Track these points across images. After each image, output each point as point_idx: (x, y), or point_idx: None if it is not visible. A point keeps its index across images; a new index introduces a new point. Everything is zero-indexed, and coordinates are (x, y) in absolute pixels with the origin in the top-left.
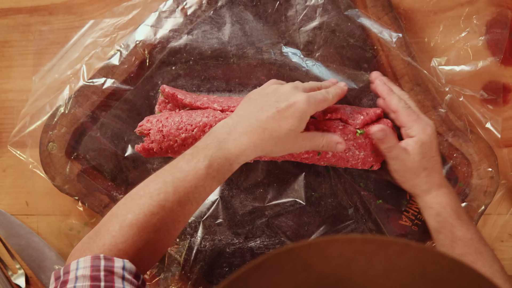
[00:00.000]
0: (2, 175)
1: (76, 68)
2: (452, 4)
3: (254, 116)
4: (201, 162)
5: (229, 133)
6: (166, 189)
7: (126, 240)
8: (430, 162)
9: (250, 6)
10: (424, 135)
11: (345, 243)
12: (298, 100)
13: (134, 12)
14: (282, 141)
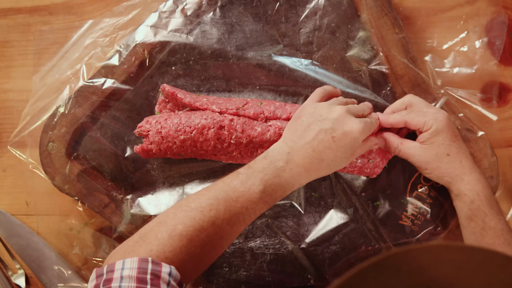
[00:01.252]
0: (2, 175)
1: (76, 68)
2: (452, 5)
3: (310, 145)
4: (256, 185)
5: (287, 162)
6: (218, 207)
7: (174, 250)
8: (452, 148)
9: (250, 7)
10: (437, 123)
11: (456, 250)
12: (354, 129)
13: (134, 12)
14: (336, 167)
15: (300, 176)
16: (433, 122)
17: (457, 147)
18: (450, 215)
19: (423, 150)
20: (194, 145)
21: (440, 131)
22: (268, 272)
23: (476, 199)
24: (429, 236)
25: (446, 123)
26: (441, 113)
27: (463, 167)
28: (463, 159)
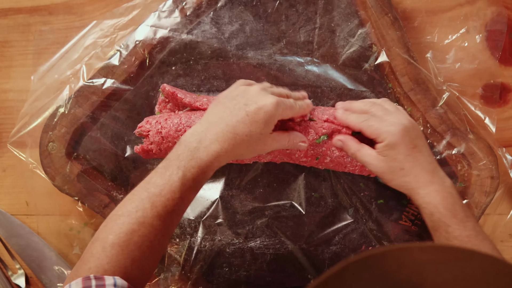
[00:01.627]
0: (2, 175)
1: (76, 68)
2: (452, 4)
3: (224, 121)
4: (174, 174)
5: (200, 141)
6: (143, 206)
7: (111, 260)
8: (406, 162)
9: (250, 6)
10: (391, 136)
11: (418, 251)
12: (267, 103)
13: (134, 13)
14: (253, 145)
15: (216, 152)
16: (387, 136)
17: (412, 160)
18: None
19: (378, 161)
20: None
21: (393, 145)
22: (268, 272)
23: (435, 211)
24: (429, 235)
25: (400, 136)
26: (397, 125)
27: (417, 181)
28: (419, 173)
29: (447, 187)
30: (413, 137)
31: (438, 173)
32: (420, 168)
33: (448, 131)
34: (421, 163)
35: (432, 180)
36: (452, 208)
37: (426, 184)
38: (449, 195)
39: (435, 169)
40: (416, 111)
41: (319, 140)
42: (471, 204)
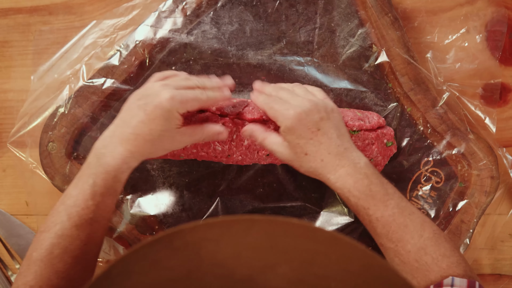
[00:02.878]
0: (2, 175)
1: (76, 68)
2: (452, 4)
3: (127, 124)
4: (85, 182)
5: (106, 146)
6: (61, 219)
7: (35, 277)
8: (309, 146)
9: (250, 6)
10: (286, 120)
11: (189, 232)
12: (162, 99)
13: (134, 13)
14: (158, 142)
15: (121, 155)
16: (283, 119)
17: (317, 144)
18: (450, 215)
19: (283, 147)
20: (194, 147)
21: (290, 128)
22: None
23: (349, 196)
24: None
25: (297, 120)
26: (295, 108)
27: (324, 166)
28: (325, 157)
29: (360, 168)
30: (316, 120)
31: (349, 155)
32: (325, 152)
33: (448, 131)
34: (326, 146)
35: (340, 163)
36: (367, 189)
37: (334, 168)
38: (363, 177)
39: (345, 151)
40: (416, 111)
41: None
42: (471, 204)
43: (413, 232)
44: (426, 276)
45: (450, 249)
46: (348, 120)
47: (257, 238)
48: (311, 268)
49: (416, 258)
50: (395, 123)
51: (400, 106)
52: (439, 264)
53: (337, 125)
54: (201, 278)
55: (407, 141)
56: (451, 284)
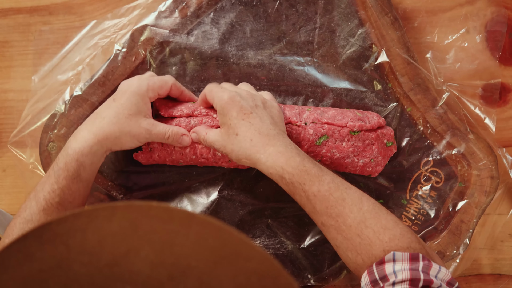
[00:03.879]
0: (2, 175)
1: (77, 69)
2: (452, 4)
3: (97, 113)
4: (52, 168)
5: (75, 134)
6: (30, 204)
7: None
8: (241, 126)
9: (250, 6)
10: (221, 101)
11: (57, 224)
12: (131, 84)
13: (134, 13)
14: (124, 126)
15: (84, 138)
16: (218, 100)
17: (248, 125)
18: (450, 215)
19: (220, 134)
20: (193, 153)
21: (223, 108)
22: None
23: (283, 173)
24: (429, 236)
25: (230, 101)
26: (232, 92)
27: (254, 145)
28: (255, 136)
29: (292, 149)
30: (250, 105)
31: (280, 138)
32: (256, 132)
33: (448, 131)
34: (257, 127)
35: (270, 142)
36: (300, 165)
37: (264, 148)
38: (295, 154)
39: (276, 134)
40: (416, 111)
41: (318, 142)
42: (471, 204)
43: (351, 205)
44: (369, 252)
45: (393, 221)
46: (348, 121)
47: (120, 224)
48: (171, 249)
49: (357, 233)
50: (395, 123)
51: (400, 106)
52: (381, 237)
53: (271, 116)
54: (70, 266)
55: (407, 141)
56: (393, 259)
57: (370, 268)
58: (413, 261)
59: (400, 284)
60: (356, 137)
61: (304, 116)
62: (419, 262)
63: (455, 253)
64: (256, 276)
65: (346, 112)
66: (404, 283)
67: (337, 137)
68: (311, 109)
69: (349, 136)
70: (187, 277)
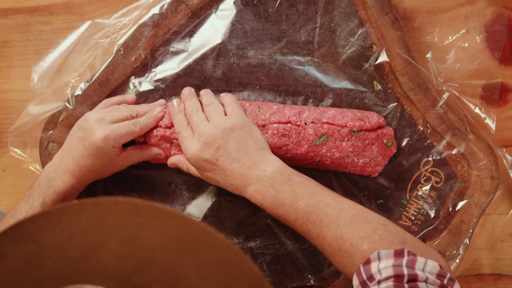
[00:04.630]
0: (2, 175)
1: (77, 69)
2: (452, 4)
3: (71, 154)
4: (36, 200)
5: (56, 171)
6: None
7: None
8: (215, 176)
9: (250, 5)
10: (188, 159)
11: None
12: (97, 138)
13: (135, 13)
14: (102, 170)
15: (70, 181)
16: (186, 156)
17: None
18: (450, 215)
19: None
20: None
21: (194, 165)
22: (268, 272)
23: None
24: (429, 236)
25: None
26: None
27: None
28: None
29: (266, 180)
30: (213, 152)
31: (254, 172)
32: (232, 178)
33: (448, 131)
34: (230, 172)
35: (247, 183)
36: (275, 199)
37: (245, 189)
38: (269, 188)
39: (248, 170)
40: (416, 111)
41: (318, 141)
42: (471, 204)
43: (328, 224)
44: (352, 262)
45: (371, 229)
46: (348, 121)
47: (88, 219)
48: (137, 241)
49: (338, 248)
50: (395, 123)
51: (400, 106)
52: (359, 247)
53: (237, 145)
54: (42, 263)
55: (407, 141)
56: (378, 258)
57: (358, 270)
58: (397, 257)
59: (385, 281)
60: (356, 137)
61: (304, 115)
62: (403, 257)
63: (455, 253)
64: (220, 263)
65: (346, 112)
66: (388, 280)
67: (337, 136)
68: (311, 108)
69: (349, 136)
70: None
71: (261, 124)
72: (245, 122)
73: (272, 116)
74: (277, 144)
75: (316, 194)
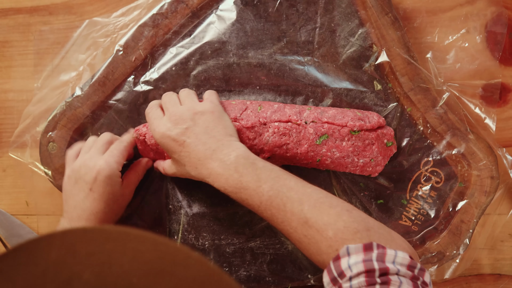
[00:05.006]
0: (2, 175)
1: (77, 68)
2: (452, 4)
3: (80, 207)
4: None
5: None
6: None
7: None
8: (181, 158)
9: (250, 5)
10: (156, 139)
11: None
12: (99, 168)
13: (135, 13)
14: (116, 207)
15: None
16: (154, 137)
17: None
18: (450, 215)
19: (173, 166)
20: None
21: (162, 145)
22: (268, 272)
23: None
24: (429, 236)
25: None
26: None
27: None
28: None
29: (230, 163)
30: (181, 132)
31: (218, 155)
32: (196, 160)
33: (448, 131)
34: (195, 154)
35: (210, 165)
36: (238, 183)
37: (208, 171)
38: (233, 172)
39: (213, 153)
40: (416, 111)
41: (319, 141)
42: (471, 204)
43: (292, 208)
44: (319, 250)
45: (335, 215)
46: (348, 120)
47: (59, 251)
48: (111, 268)
49: (304, 234)
50: (395, 123)
51: (400, 106)
52: (324, 234)
53: (205, 128)
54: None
55: (407, 141)
56: (347, 253)
57: (328, 266)
58: (367, 251)
59: (356, 277)
60: (356, 136)
61: (304, 115)
62: (373, 251)
63: (455, 253)
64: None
65: (346, 111)
66: (360, 276)
67: (337, 136)
68: (312, 108)
69: (349, 136)
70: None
71: (262, 122)
72: (216, 108)
73: (273, 115)
74: (278, 143)
75: (279, 178)
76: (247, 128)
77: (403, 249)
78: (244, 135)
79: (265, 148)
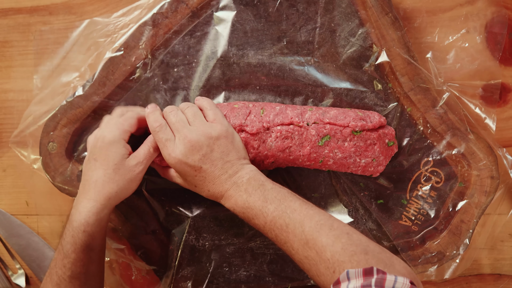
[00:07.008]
0: (2, 175)
1: (78, 68)
2: (452, 4)
3: (86, 179)
4: (60, 244)
5: (76, 207)
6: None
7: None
8: (194, 181)
9: (250, 5)
10: (170, 164)
11: None
12: (102, 135)
13: (135, 13)
14: (117, 179)
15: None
16: (169, 162)
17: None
18: (450, 215)
19: (181, 179)
20: None
21: (176, 170)
22: (268, 272)
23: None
24: (429, 236)
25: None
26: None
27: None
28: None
29: (242, 185)
30: (198, 159)
31: (232, 179)
32: (210, 184)
33: (448, 131)
34: (211, 179)
35: (223, 189)
36: (245, 204)
37: (221, 194)
38: (243, 193)
39: (228, 178)
40: (416, 111)
41: (321, 142)
42: (471, 204)
43: (294, 230)
44: (318, 271)
45: (334, 237)
46: (350, 121)
47: None
48: None
49: (305, 255)
50: (395, 123)
51: (400, 106)
52: (323, 256)
53: (221, 153)
54: None
55: (407, 141)
56: (347, 278)
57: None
58: (367, 276)
59: None
60: (358, 137)
61: (306, 116)
62: (373, 276)
63: (455, 253)
64: None
65: (348, 111)
66: None
67: (339, 137)
68: (313, 109)
69: (351, 136)
70: None
71: (266, 126)
72: (228, 130)
73: (276, 118)
74: (280, 147)
75: (285, 200)
76: (252, 135)
77: (403, 275)
78: (249, 145)
79: (268, 154)
